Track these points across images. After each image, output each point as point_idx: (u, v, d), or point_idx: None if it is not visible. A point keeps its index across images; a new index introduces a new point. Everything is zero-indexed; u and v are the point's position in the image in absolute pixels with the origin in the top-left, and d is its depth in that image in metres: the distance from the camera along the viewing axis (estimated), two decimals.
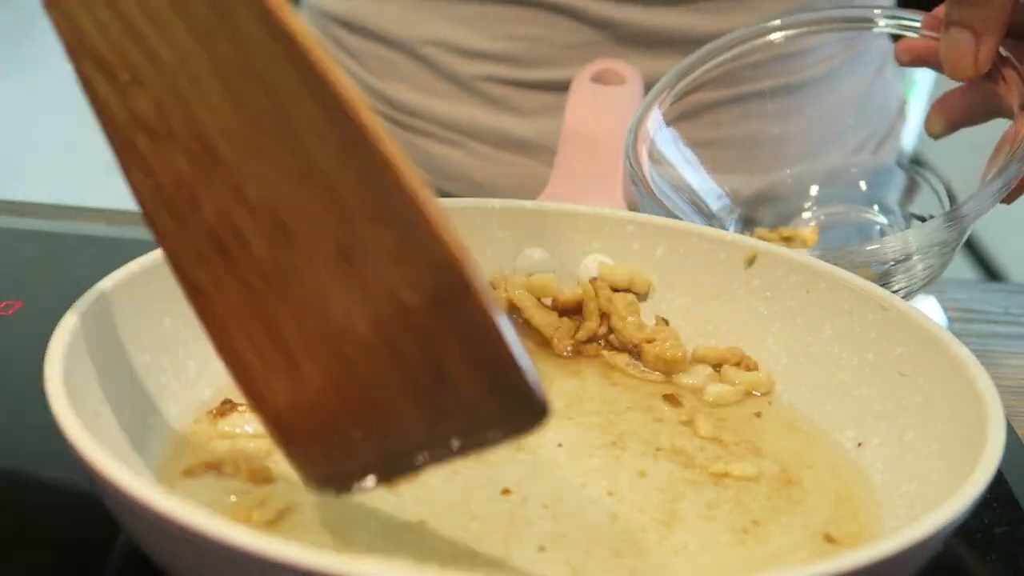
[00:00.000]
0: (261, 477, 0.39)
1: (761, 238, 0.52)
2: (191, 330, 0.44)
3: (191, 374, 0.44)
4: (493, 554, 0.36)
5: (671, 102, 0.58)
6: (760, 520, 0.39)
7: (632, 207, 0.52)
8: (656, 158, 0.56)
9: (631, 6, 0.70)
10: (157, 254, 0.43)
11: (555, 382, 0.47)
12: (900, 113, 0.79)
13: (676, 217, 0.52)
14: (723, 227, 0.57)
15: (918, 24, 0.55)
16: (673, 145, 0.58)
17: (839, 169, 0.64)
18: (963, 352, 0.40)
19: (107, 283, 0.41)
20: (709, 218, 0.57)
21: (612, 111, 0.57)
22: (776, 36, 0.60)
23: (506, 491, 0.39)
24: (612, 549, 0.37)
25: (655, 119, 0.57)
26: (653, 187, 0.53)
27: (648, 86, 0.72)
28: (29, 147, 2.82)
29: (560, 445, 0.42)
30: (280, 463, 0.38)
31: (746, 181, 0.61)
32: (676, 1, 0.69)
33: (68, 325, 0.38)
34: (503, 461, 0.41)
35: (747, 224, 0.59)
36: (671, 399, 0.46)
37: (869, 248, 0.48)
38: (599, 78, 0.59)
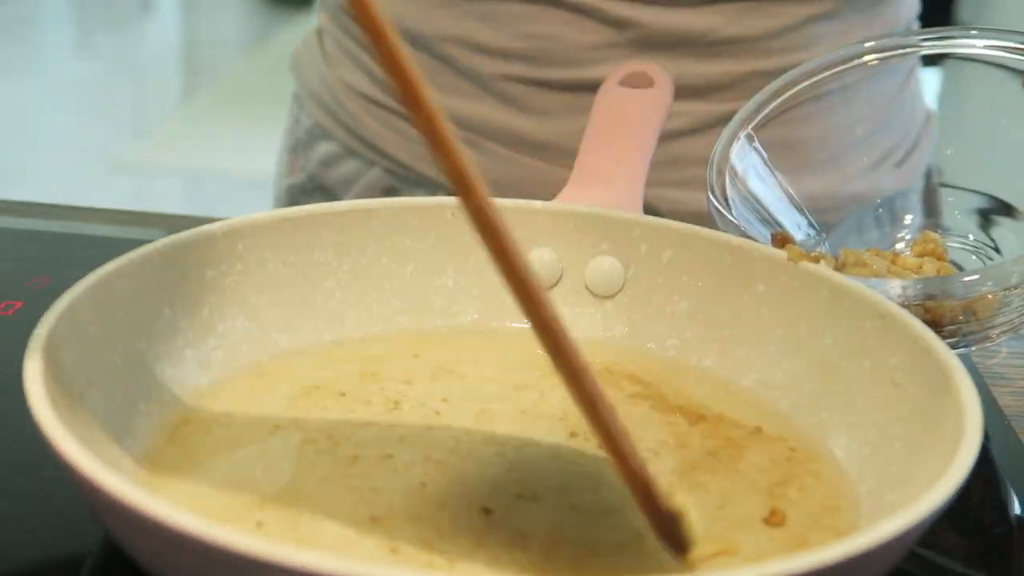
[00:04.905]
0: None
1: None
2: (191, 320, 0.45)
3: (188, 363, 0.45)
4: (461, 550, 0.37)
5: (756, 130, 0.58)
6: (739, 526, 0.39)
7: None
8: (739, 189, 0.56)
9: (650, 7, 0.70)
10: (158, 244, 0.45)
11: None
12: (927, 124, 0.79)
13: None
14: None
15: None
16: (757, 177, 0.58)
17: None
18: (953, 362, 0.41)
19: (103, 271, 0.43)
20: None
21: (637, 114, 0.57)
22: (870, 58, 0.60)
23: (487, 511, 0.39)
24: (583, 551, 0.38)
25: (739, 151, 0.57)
26: (738, 219, 0.54)
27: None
28: (29, 147, 2.83)
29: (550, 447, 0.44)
30: None
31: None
32: (695, 2, 0.70)
33: (58, 309, 0.40)
34: (487, 458, 0.42)
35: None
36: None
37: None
38: (627, 81, 0.60)
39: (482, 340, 0.51)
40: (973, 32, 0.59)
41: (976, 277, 0.49)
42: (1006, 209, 0.60)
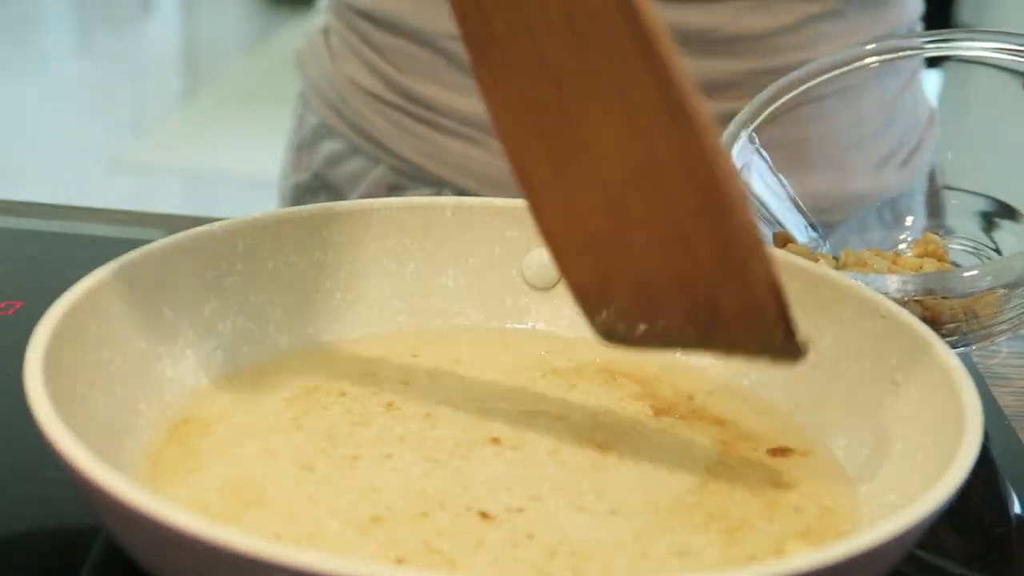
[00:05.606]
0: None
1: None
2: (191, 320, 0.45)
3: (189, 363, 0.45)
4: (462, 551, 0.37)
5: (758, 130, 0.59)
6: (736, 527, 0.39)
7: None
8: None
9: (654, 4, 0.70)
10: (158, 244, 0.45)
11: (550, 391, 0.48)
12: (929, 124, 0.79)
13: None
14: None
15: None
16: (759, 178, 0.59)
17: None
18: (953, 362, 0.41)
19: (104, 271, 0.43)
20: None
21: None
22: (871, 60, 0.61)
23: (487, 512, 0.39)
24: (583, 551, 0.38)
25: (740, 151, 0.57)
26: None
27: None
28: (29, 147, 2.83)
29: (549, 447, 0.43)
30: None
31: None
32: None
33: (59, 310, 0.40)
34: (487, 458, 0.42)
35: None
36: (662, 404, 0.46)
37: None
38: None
39: (482, 340, 0.51)
40: (973, 34, 0.59)
41: (975, 273, 0.49)
42: (1007, 211, 0.60)
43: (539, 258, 0.52)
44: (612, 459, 0.43)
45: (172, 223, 0.71)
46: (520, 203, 0.53)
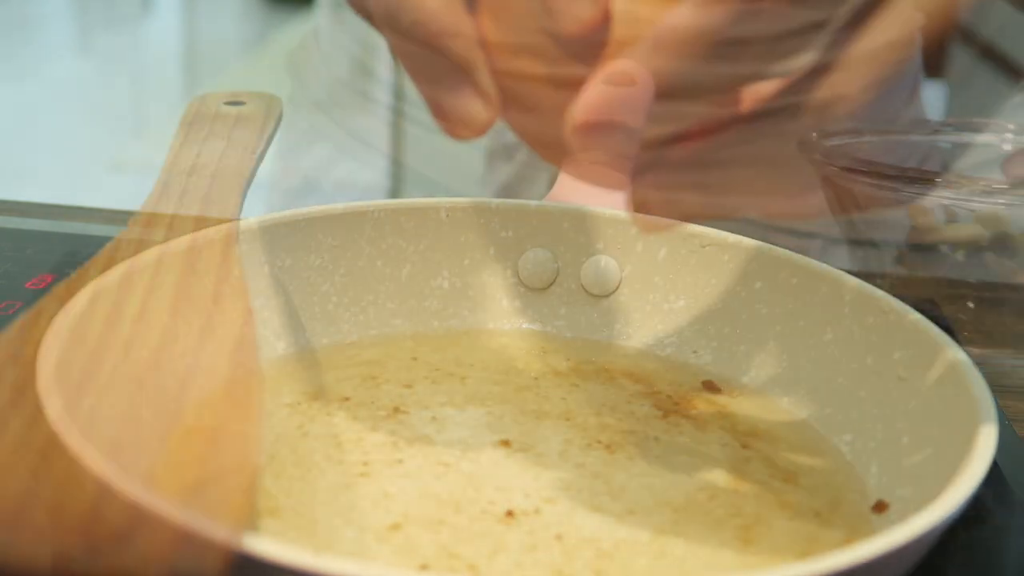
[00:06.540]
0: None
1: None
2: (189, 327, 0.45)
3: (189, 371, 0.45)
4: (482, 555, 0.37)
5: None
6: (751, 524, 0.39)
7: None
8: None
9: (651, 4, 0.70)
10: (154, 251, 0.44)
11: (555, 391, 0.47)
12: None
13: None
14: None
15: None
16: None
17: None
18: (960, 356, 0.41)
19: (103, 280, 0.42)
20: None
21: (619, 112, 0.57)
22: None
23: (504, 515, 0.39)
24: (603, 552, 0.37)
25: None
26: None
27: (664, 88, 0.72)
28: (29, 147, 2.83)
29: (557, 447, 0.43)
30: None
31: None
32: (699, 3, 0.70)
33: (64, 321, 0.39)
34: (498, 460, 0.42)
35: None
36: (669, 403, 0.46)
37: None
38: (609, 80, 0.60)
39: (479, 341, 0.51)
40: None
41: None
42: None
43: (534, 258, 0.52)
44: (622, 459, 0.43)
45: (173, 223, 0.71)
46: (514, 203, 0.53)
